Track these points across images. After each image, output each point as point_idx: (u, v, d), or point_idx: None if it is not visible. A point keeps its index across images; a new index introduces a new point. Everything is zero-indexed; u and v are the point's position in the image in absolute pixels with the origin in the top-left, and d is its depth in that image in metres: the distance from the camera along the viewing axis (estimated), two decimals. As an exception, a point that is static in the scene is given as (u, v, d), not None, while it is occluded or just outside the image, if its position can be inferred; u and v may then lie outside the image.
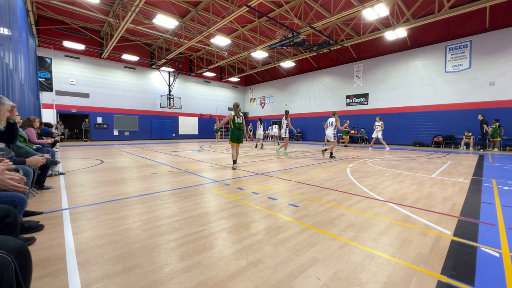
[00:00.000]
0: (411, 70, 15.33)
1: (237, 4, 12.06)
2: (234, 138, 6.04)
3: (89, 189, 3.81)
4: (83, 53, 17.39)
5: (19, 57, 7.03)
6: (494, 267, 1.69)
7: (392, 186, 4.15)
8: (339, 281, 1.51)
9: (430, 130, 14.53)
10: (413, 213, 2.78)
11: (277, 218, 2.59)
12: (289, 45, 13.97)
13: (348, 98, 18.86)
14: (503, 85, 12.08)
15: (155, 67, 20.76)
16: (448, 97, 13.89)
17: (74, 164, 6.47)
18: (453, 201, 3.26)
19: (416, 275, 1.58)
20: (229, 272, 1.60)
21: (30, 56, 10.59)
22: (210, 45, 17.94)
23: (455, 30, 13.59)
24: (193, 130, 24.43)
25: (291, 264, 1.70)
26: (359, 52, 18.06)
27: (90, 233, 2.18)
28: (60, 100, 16.62)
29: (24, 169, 2.42)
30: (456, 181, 4.55)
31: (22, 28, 8.17)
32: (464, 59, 13.25)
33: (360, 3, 10.69)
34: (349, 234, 2.20)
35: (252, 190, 3.77)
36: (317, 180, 4.61)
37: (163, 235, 2.15)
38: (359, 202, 3.21)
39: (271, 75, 25.72)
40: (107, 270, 1.61)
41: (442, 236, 2.18)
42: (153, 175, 4.96)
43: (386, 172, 5.56)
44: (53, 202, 3.11)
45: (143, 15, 13.47)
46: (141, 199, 3.25)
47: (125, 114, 19.75)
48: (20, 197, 1.75)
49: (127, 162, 6.85)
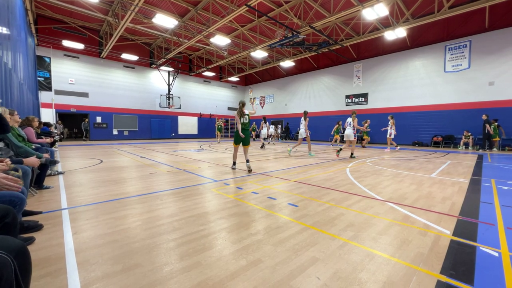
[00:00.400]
0: (411, 70, 15.35)
1: (236, 3, 12.04)
2: (237, 139, 5.56)
3: (89, 188, 3.80)
4: (82, 53, 17.34)
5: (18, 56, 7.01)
6: (493, 266, 1.70)
7: (392, 185, 4.16)
8: (338, 281, 1.51)
9: (430, 130, 14.55)
10: (413, 213, 2.78)
11: (277, 218, 2.59)
12: (289, 44, 13.96)
13: (347, 98, 18.88)
14: (502, 85, 12.10)
15: (154, 66, 20.72)
16: (447, 97, 13.91)
17: (73, 163, 6.46)
18: (452, 201, 3.27)
19: (415, 274, 1.59)
20: (228, 271, 1.60)
21: (29, 55, 10.56)
22: (210, 45, 17.92)
23: (455, 30, 13.60)
24: (192, 130, 24.41)
25: (290, 263, 1.70)
26: (358, 52, 18.06)
27: (89, 233, 2.18)
28: (59, 99, 16.58)
29: (22, 168, 2.41)
30: (456, 181, 4.56)
31: (21, 27, 8.14)
32: (463, 59, 13.27)
33: (359, 3, 10.69)
34: (349, 234, 2.20)
35: (251, 190, 3.77)
36: (317, 179, 4.61)
37: (162, 234, 2.15)
38: (359, 201, 3.21)
39: (271, 75, 25.71)
40: (106, 269, 1.61)
41: (441, 235, 2.18)
42: (153, 175, 4.96)
43: (385, 171, 5.57)
44: (53, 201, 3.10)
45: (142, 14, 13.44)
46: (140, 199, 3.25)
47: (124, 113, 19.71)
48: (19, 197, 1.74)
49: (126, 162, 6.84)
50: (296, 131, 22.16)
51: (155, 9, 13.07)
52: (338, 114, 19.05)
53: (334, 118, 19.21)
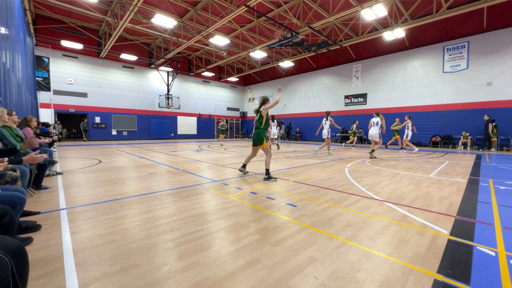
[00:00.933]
0: (409, 70, 15.39)
1: (236, 4, 12.05)
2: (253, 139, 5.02)
3: (87, 189, 3.79)
4: (81, 53, 17.30)
5: (16, 57, 7.00)
6: (490, 266, 1.71)
7: (390, 185, 4.17)
8: (336, 280, 1.52)
9: (428, 130, 14.59)
10: (411, 213, 2.79)
11: (275, 218, 2.60)
12: (288, 45, 13.98)
13: (346, 98, 18.91)
14: (500, 85, 12.15)
15: (153, 66, 20.69)
16: (446, 97, 13.96)
17: (72, 164, 6.45)
18: (450, 201, 3.28)
19: (412, 274, 1.60)
20: (227, 271, 1.60)
21: (28, 55, 10.54)
22: (209, 45, 17.91)
23: (453, 30, 13.66)
24: (191, 130, 24.39)
25: (289, 263, 1.71)
26: (357, 52, 18.10)
27: (88, 233, 2.18)
28: (58, 99, 16.53)
29: (20, 168, 2.41)
30: (454, 181, 4.57)
31: (19, 27, 8.13)
32: (461, 60, 13.32)
33: (358, 3, 10.71)
34: (347, 234, 2.21)
35: (250, 190, 3.78)
36: (315, 180, 4.62)
37: (161, 234, 2.15)
38: (357, 201, 3.22)
39: (270, 75, 25.72)
40: (104, 270, 1.61)
41: (439, 235, 2.19)
42: (152, 175, 4.95)
43: (384, 172, 5.58)
44: (51, 202, 3.10)
45: (141, 14, 13.43)
46: (139, 199, 3.25)
47: (123, 114, 19.68)
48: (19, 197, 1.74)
49: (125, 162, 6.83)
50: (295, 131, 22.18)
51: (154, 9, 13.07)
52: (338, 114, 19.08)
53: (334, 118, 19.22)
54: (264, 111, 4.86)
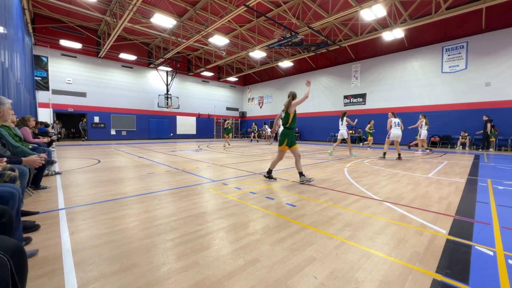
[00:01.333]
0: (408, 71, 15.43)
1: (235, 3, 12.05)
2: (280, 140, 4.51)
3: (86, 189, 3.79)
4: (80, 52, 17.25)
5: (14, 56, 6.97)
6: (488, 265, 1.72)
7: (389, 185, 4.18)
8: (335, 280, 1.52)
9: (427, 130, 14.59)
10: (409, 213, 2.80)
11: (275, 218, 2.60)
12: (287, 45, 13.99)
13: (345, 98, 18.94)
14: (498, 85, 12.20)
15: (152, 66, 20.66)
16: (444, 97, 14.00)
17: (71, 163, 6.43)
18: (448, 201, 3.29)
19: (411, 273, 1.60)
20: (226, 271, 1.60)
21: (26, 54, 10.50)
22: (208, 45, 17.90)
23: (452, 31, 13.70)
24: (191, 130, 24.37)
25: (288, 263, 1.71)
26: (356, 52, 18.13)
27: (87, 233, 2.17)
28: (57, 99, 16.48)
29: (20, 169, 2.40)
30: (452, 181, 4.59)
31: (18, 26, 8.10)
32: (460, 60, 13.36)
33: (358, 3, 10.74)
34: (346, 233, 2.21)
35: (249, 190, 3.78)
36: (315, 179, 4.62)
37: (160, 234, 2.15)
38: (356, 201, 3.23)
39: (269, 75, 25.73)
40: (104, 269, 1.61)
41: (437, 235, 2.20)
42: (151, 175, 4.94)
43: (383, 172, 5.59)
44: (50, 202, 3.09)
45: (140, 14, 13.41)
46: (138, 199, 3.24)
47: (122, 113, 19.64)
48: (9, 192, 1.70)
49: (124, 162, 6.82)
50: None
51: (154, 9, 13.05)
52: (337, 114, 19.08)
53: (333, 118, 19.28)
54: (292, 108, 4.33)
